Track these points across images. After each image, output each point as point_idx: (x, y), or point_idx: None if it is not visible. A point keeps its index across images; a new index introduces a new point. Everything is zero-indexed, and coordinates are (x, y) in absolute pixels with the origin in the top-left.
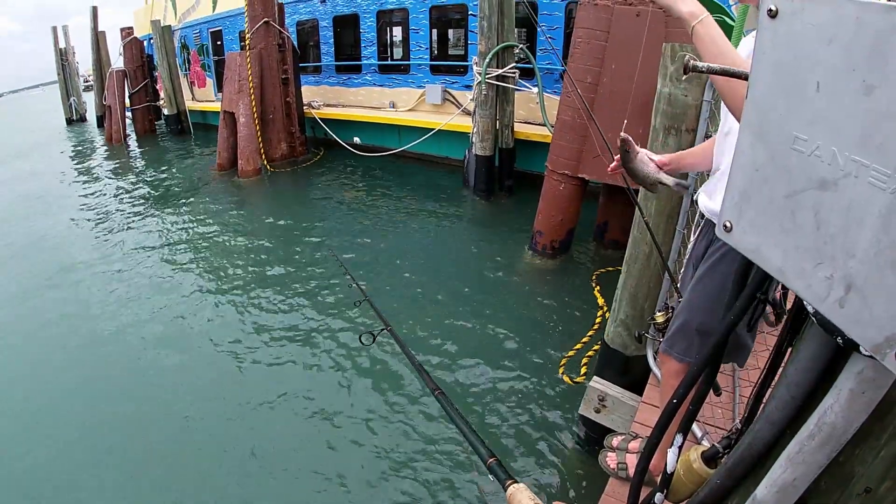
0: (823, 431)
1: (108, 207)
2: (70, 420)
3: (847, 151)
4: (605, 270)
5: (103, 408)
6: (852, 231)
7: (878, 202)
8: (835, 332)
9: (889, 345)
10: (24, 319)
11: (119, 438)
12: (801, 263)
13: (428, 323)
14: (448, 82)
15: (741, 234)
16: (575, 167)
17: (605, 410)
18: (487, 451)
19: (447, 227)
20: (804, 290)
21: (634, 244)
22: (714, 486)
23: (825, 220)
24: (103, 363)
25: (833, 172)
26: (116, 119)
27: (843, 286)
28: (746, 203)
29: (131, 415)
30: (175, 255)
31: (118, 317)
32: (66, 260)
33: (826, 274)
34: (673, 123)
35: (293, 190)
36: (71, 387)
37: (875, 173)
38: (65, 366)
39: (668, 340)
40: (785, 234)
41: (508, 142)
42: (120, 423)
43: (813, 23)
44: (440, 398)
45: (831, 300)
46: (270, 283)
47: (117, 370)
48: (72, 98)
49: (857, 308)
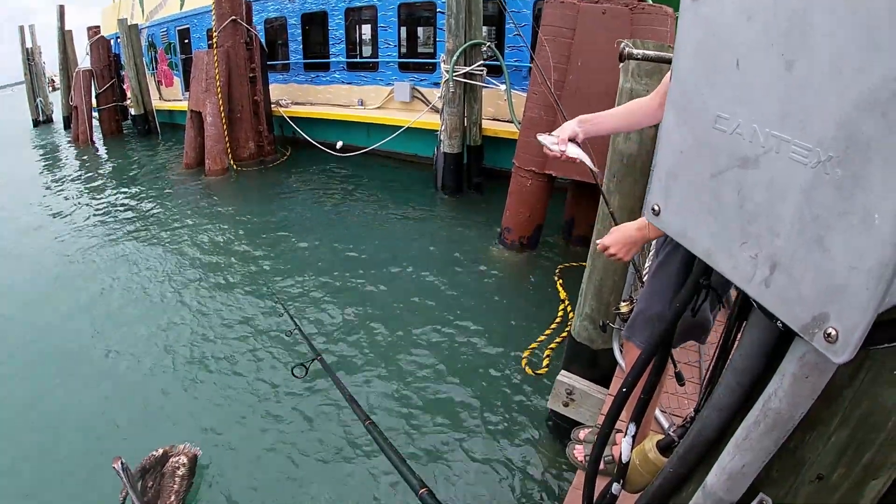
0: (769, 417)
1: (71, 209)
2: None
3: (768, 127)
4: (569, 265)
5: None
6: (775, 208)
7: (800, 177)
8: (774, 317)
9: (816, 324)
10: None
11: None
12: (727, 244)
13: (395, 319)
14: (417, 80)
15: (669, 216)
16: (542, 164)
17: (574, 404)
18: (419, 482)
19: (415, 224)
20: (731, 272)
21: (599, 238)
22: (668, 475)
23: (748, 197)
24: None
25: (754, 149)
26: (83, 120)
27: (769, 265)
28: (673, 185)
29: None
30: (134, 255)
31: (51, 315)
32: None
33: (751, 254)
34: None
35: (260, 190)
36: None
37: (797, 148)
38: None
39: (629, 328)
40: (711, 214)
41: (476, 139)
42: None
43: (732, 1)
44: (371, 429)
45: (757, 280)
46: (220, 292)
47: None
48: (38, 99)
49: (783, 287)
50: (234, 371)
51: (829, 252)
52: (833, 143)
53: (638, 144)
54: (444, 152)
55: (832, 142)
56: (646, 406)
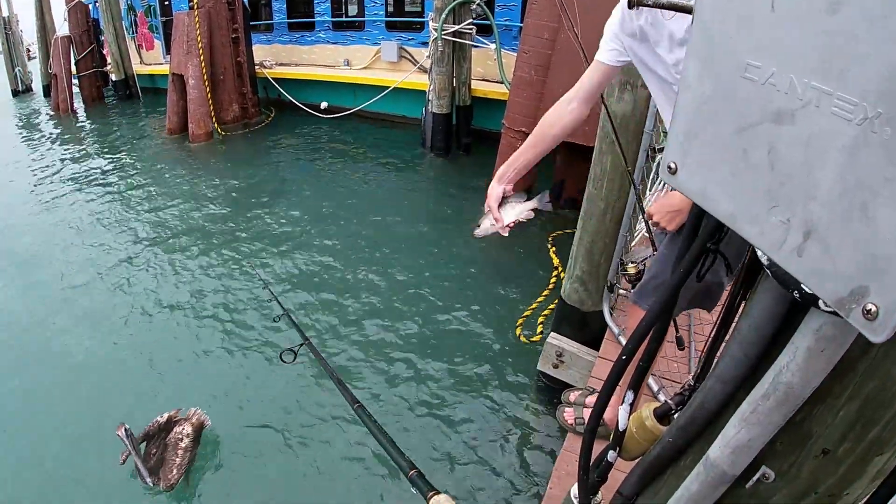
0: (779, 391)
1: (54, 178)
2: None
3: (806, 78)
4: (563, 232)
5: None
6: (813, 169)
7: (842, 135)
8: (791, 286)
9: (854, 299)
10: None
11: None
12: (754, 207)
13: (383, 283)
14: (404, 39)
15: (687, 176)
16: (532, 124)
17: (563, 366)
18: (408, 464)
19: (404, 186)
20: (757, 238)
21: (590, 200)
22: (666, 445)
23: (781, 157)
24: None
25: (790, 102)
26: (63, 87)
27: (802, 232)
28: (692, 141)
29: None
30: (117, 225)
31: (41, 284)
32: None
33: (782, 218)
34: (628, 79)
35: (245, 154)
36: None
37: (840, 102)
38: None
39: (637, 292)
40: (735, 174)
41: (466, 99)
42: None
43: None
44: (360, 412)
45: (788, 248)
46: (205, 265)
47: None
48: (17, 68)
49: (817, 257)
50: (221, 353)
51: (874, 221)
52: (882, 97)
53: (632, 105)
54: (433, 112)
55: (881, 96)
56: (644, 374)
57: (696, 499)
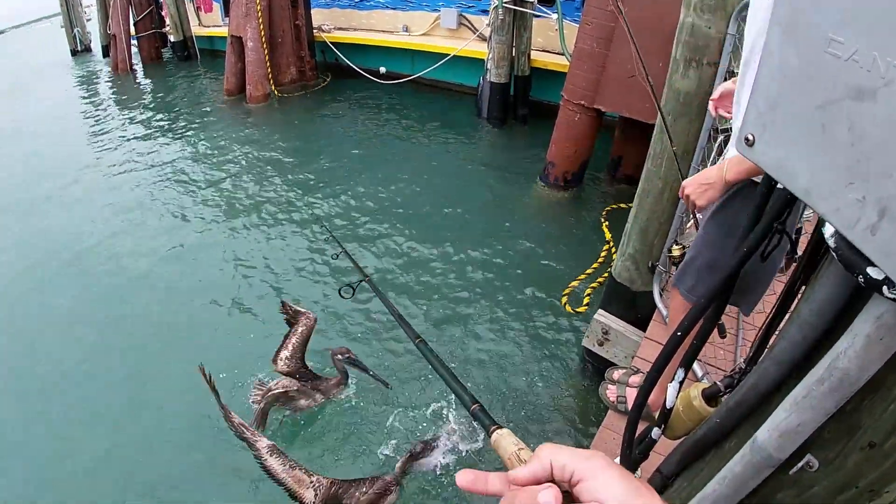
0: (834, 377)
1: (114, 135)
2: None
3: (889, 57)
4: (616, 207)
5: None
6: (891, 148)
7: None
8: (856, 270)
9: None
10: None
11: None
12: (830, 183)
13: (435, 246)
14: (464, 6)
15: (764, 147)
16: (591, 98)
17: (608, 344)
18: (470, 398)
19: (459, 154)
20: (831, 214)
21: (648, 178)
22: (713, 426)
23: (861, 134)
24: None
25: (872, 80)
26: (122, 48)
27: (877, 211)
28: (772, 113)
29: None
30: (179, 182)
31: (112, 242)
32: (68, 183)
33: (858, 196)
34: (694, 56)
35: (302, 117)
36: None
37: None
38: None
39: (678, 275)
40: (814, 149)
41: (524, 69)
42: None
43: None
44: (421, 346)
45: (861, 226)
46: (267, 216)
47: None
48: (76, 29)
49: (891, 237)
50: (282, 292)
51: None
52: None
53: (696, 83)
54: (491, 82)
55: None
56: (697, 352)
57: (739, 480)
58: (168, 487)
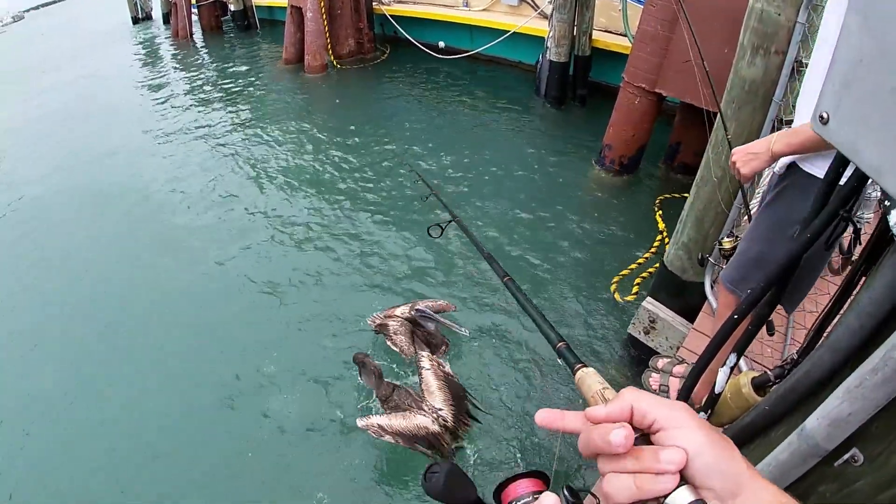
0: (888, 367)
1: (175, 101)
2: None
3: None
4: (671, 196)
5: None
6: None
7: None
8: None
9: None
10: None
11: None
12: None
13: (490, 223)
14: None
15: (838, 126)
16: (653, 81)
17: (654, 332)
18: (556, 336)
19: (515, 132)
20: None
21: (707, 166)
22: (762, 412)
23: None
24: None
25: None
26: (182, 16)
27: None
28: (847, 93)
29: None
30: (244, 150)
31: (178, 209)
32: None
33: None
34: (762, 43)
35: (360, 87)
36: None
37: None
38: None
39: (727, 268)
40: (887, 129)
41: (585, 49)
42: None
43: None
44: (509, 284)
45: None
46: (339, 179)
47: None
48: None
49: None
50: (372, 238)
51: None
52: None
53: (762, 71)
54: (550, 60)
55: None
56: (751, 338)
57: (785, 468)
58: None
